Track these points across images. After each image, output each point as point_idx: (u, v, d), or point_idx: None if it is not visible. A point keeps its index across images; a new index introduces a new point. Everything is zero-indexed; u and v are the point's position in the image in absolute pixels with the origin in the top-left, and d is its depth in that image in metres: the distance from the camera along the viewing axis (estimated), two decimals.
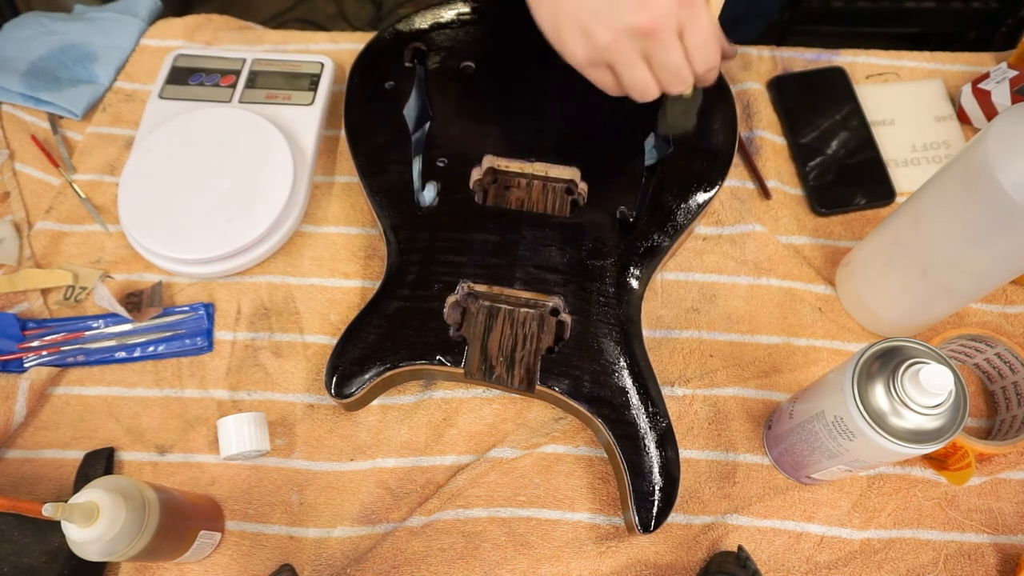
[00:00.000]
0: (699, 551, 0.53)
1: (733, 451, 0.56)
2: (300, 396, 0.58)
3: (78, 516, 0.39)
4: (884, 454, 0.43)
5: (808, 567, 0.52)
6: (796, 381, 0.58)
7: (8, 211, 0.64)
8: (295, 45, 0.74)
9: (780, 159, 0.68)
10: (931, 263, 0.51)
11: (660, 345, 0.59)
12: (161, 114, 0.65)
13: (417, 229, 0.58)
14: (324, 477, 0.55)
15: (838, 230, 0.65)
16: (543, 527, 0.53)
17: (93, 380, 0.58)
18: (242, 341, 0.59)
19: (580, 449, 0.56)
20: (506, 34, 0.65)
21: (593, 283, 0.56)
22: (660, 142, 0.62)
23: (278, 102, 0.66)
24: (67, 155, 0.67)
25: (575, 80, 0.64)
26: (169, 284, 0.62)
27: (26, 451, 0.56)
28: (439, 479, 0.55)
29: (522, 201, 0.60)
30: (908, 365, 0.41)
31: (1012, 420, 0.55)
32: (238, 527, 0.53)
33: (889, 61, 0.72)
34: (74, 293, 0.60)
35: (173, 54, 0.69)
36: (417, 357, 0.54)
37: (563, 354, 0.54)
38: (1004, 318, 0.61)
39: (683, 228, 0.58)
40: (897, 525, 0.54)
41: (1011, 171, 0.42)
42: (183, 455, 0.56)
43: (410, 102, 0.62)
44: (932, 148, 0.68)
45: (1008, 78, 0.65)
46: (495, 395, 0.58)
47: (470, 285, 0.56)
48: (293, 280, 0.62)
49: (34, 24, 0.74)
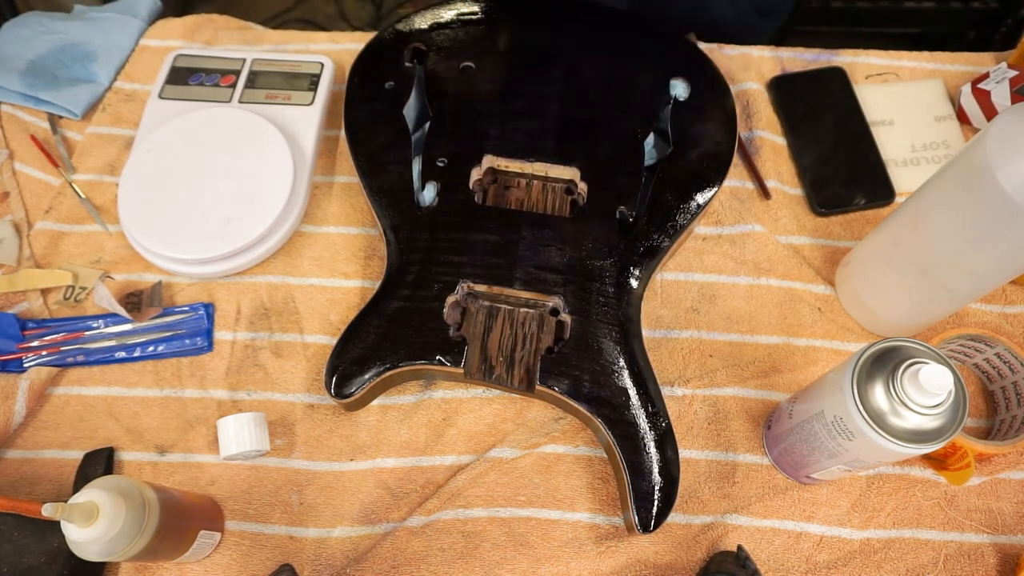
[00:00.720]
0: (699, 551, 0.53)
1: (733, 451, 0.56)
2: (300, 396, 0.58)
3: (78, 516, 0.39)
4: (884, 454, 0.43)
5: (807, 567, 0.52)
6: (796, 381, 0.58)
7: (8, 211, 0.64)
8: (295, 45, 0.74)
9: (780, 159, 0.68)
10: (931, 263, 0.51)
11: (660, 345, 0.59)
12: (161, 114, 0.65)
13: (417, 229, 0.58)
14: (324, 477, 0.55)
15: (838, 230, 0.65)
16: (543, 527, 0.53)
17: (93, 380, 0.58)
18: (242, 341, 0.59)
19: (580, 449, 0.56)
20: (506, 34, 0.65)
21: (593, 283, 0.56)
22: (660, 142, 0.62)
23: (278, 102, 0.66)
24: (67, 155, 0.67)
25: (575, 80, 0.64)
26: (169, 284, 0.62)
27: (26, 451, 0.56)
28: (439, 479, 0.55)
29: (522, 201, 0.60)
30: (908, 365, 0.41)
31: (1012, 420, 0.55)
32: (238, 527, 0.53)
33: (889, 61, 0.72)
34: (74, 293, 0.60)
35: (173, 54, 0.69)
36: (417, 357, 0.54)
37: (563, 354, 0.54)
38: (1004, 318, 0.61)
39: (683, 228, 0.58)
40: (896, 525, 0.54)
41: (1011, 171, 0.42)
42: (183, 455, 0.56)
43: (410, 102, 0.62)
44: (932, 148, 0.68)
45: (1008, 78, 0.65)
46: (495, 395, 0.58)
47: (470, 285, 0.56)
48: (293, 280, 0.62)
49: (34, 23, 0.74)
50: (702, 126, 0.61)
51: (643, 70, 0.64)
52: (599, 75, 0.64)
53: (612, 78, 0.63)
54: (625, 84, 0.63)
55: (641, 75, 0.64)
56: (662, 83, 0.63)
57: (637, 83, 0.63)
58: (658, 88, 0.63)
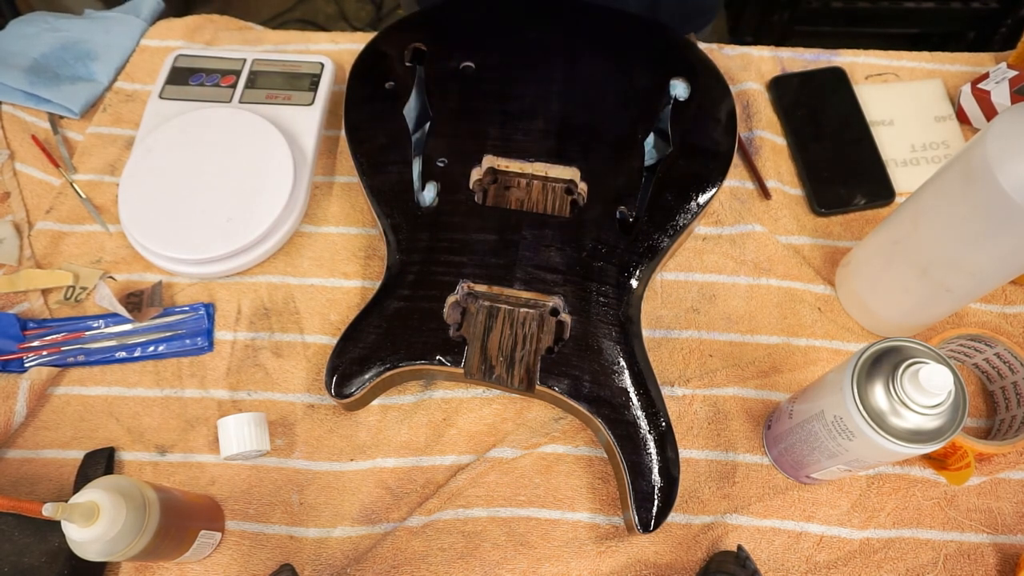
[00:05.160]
0: (699, 551, 0.53)
1: (733, 451, 0.56)
2: (300, 396, 0.58)
3: (78, 516, 0.39)
4: (883, 454, 0.43)
5: (807, 567, 0.52)
6: (796, 381, 0.58)
7: (8, 211, 0.64)
8: (295, 45, 0.74)
9: (780, 159, 0.68)
10: (931, 263, 0.51)
11: (660, 345, 0.59)
12: (161, 114, 0.65)
13: (417, 229, 0.58)
14: (324, 477, 0.55)
15: (838, 230, 0.65)
16: (543, 527, 0.53)
17: (93, 380, 0.58)
18: (242, 341, 0.60)
19: (580, 449, 0.56)
20: (506, 34, 0.65)
21: (593, 283, 0.56)
22: (660, 142, 0.62)
23: (278, 102, 0.66)
24: (67, 155, 0.67)
25: (575, 80, 0.64)
26: (169, 284, 0.62)
27: (26, 451, 0.56)
28: (439, 479, 0.55)
29: (522, 201, 0.60)
30: (907, 365, 0.41)
31: (1011, 420, 0.55)
32: (238, 527, 0.53)
33: (889, 61, 0.72)
34: (74, 293, 0.60)
35: (173, 54, 0.69)
36: (417, 357, 0.54)
37: (563, 354, 0.54)
38: (1003, 318, 0.61)
39: (683, 228, 0.58)
40: (896, 525, 0.54)
41: (1011, 171, 0.42)
42: (183, 455, 0.56)
43: (410, 102, 0.63)
44: (932, 148, 0.68)
45: (1008, 78, 0.65)
46: (495, 395, 0.58)
47: (470, 285, 0.56)
48: (293, 280, 0.62)
49: (39, 22, 0.74)
50: (702, 126, 0.61)
51: (643, 70, 0.64)
52: (599, 75, 0.64)
53: (612, 78, 0.63)
54: (625, 84, 0.63)
55: (641, 75, 0.64)
56: (662, 83, 0.63)
57: (637, 83, 0.63)
58: (658, 88, 0.63)
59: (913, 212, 0.51)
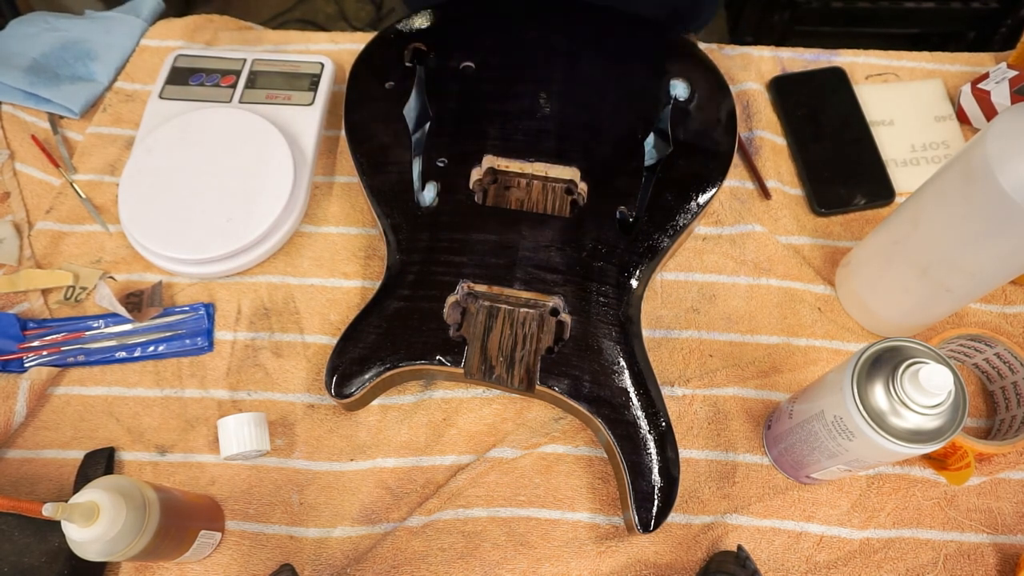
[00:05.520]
0: (699, 551, 0.53)
1: (733, 451, 0.56)
2: (300, 396, 0.58)
3: (78, 516, 0.39)
4: (884, 454, 0.43)
5: (807, 567, 0.52)
6: (796, 381, 0.58)
7: (8, 211, 0.64)
8: (295, 45, 0.74)
9: (780, 159, 0.68)
10: (930, 263, 0.51)
11: (660, 345, 0.59)
12: (161, 114, 0.65)
13: (417, 229, 0.58)
14: (324, 477, 0.55)
15: (838, 230, 0.65)
16: (543, 527, 0.53)
17: (93, 380, 0.58)
18: (242, 341, 0.60)
19: (580, 449, 0.56)
20: (506, 34, 0.65)
21: (593, 283, 0.56)
22: (660, 142, 0.62)
23: (278, 102, 0.66)
24: (67, 155, 0.67)
25: (575, 80, 0.64)
26: (169, 284, 0.62)
27: (26, 451, 0.56)
28: (439, 479, 0.55)
29: (522, 201, 0.60)
30: (907, 365, 0.41)
31: (1011, 420, 0.55)
32: (238, 527, 0.53)
33: (888, 61, 0.72)
34: (74, 293, 0.60)
35: (173, 54, 0.69)
36: (417, 357, 0.54)
37: (563, 354, 0.54)
38: (1003, 318, 0.61)
39: (683, 228, 0.58)
40: (896, 525, 0.54)
41: (1011, 171, 0.42)
42: (183, 455, 0.56)
43: (410, 102, 0.62)
44: (932, 148, 0.68)
45: (1008, 78, 0.65)
46: (495, 395, 0.58)
47: (470, 285, 0.56)
48: (293, 280, 0.62)
49: (39, 22, 0.74)
50: (702, 126, 0.61)
51: (643, 70, 0.64)
52: (599, 75, 0.64)
53: (612, 78, 0.63)
54: (625, 84, 0.63)
55: (641, 75, 0.64)
56: (662, 83, 0.63)
57: (637, 83, 0.63)
58: (658, 88, 0.63)
59: (913, 212, 0.51)
